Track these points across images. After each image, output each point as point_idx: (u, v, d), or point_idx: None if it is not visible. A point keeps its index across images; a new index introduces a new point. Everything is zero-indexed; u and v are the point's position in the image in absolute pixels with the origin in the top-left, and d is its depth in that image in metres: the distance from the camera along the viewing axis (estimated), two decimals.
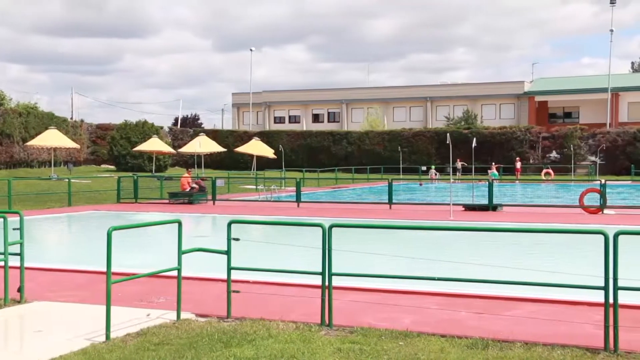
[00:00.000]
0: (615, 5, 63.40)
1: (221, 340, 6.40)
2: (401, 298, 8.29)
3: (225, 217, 18.95)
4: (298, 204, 24.33)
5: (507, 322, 7.11)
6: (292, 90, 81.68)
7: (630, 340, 6.24)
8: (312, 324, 7.01)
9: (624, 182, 41.46)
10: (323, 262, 7.00)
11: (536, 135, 56.16)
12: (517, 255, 12.67)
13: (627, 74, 79.96)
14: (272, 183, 31.72)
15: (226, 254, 7.40)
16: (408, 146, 58.14)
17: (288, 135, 62.68)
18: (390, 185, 23.91)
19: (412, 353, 5.98)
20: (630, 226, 16.28)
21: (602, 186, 21.58)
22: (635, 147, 52.12)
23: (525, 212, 21.98)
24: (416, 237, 14.79)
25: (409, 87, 76.89)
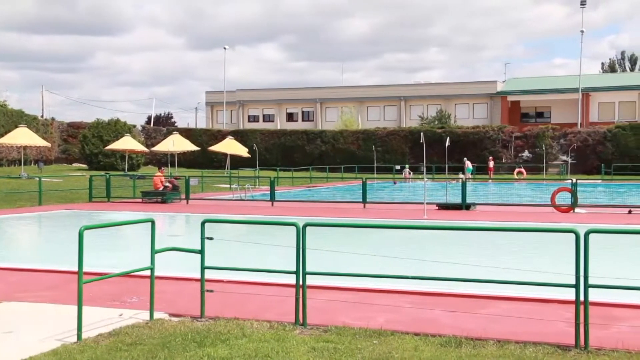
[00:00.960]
0: (586, 6, 64.24)
1: (195, 340, 6.36)
2: (375, 297, 8.31)
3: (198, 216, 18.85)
4: (272, 203, 24.28)
5: (480, 320, 7.15)
6: (266, 89, 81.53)
7: (601, 337, 6.32)
8: (287, 323, 6.99)
9: (594, 181, 42.00)
10: (297, 261, 6.99)
11: (509, 135, 56.67)
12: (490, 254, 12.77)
13: (597, 75, 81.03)
14: (246, 182, 31.62)
15: (200, 253, 7.36)
16: (382, 145, 58.33)
17: (262, 134, 62.55)
18: (365, 184, 23.96)
19: (386, 351, 5.99)
20: (600, 225, 16.49)
21: (573, 185, 21.83)
22: (605, 147, 52.85)
23: (498, 211, 22.15)
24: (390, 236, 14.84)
25: (383, 86, 77.17)
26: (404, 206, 23.60)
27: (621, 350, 6.00)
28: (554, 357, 5.86)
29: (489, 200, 27.61)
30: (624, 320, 7.16)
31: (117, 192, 28.28)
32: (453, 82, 75.00)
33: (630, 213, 20.43)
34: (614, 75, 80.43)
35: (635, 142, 51.91)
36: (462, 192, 22.44)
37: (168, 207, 24.12)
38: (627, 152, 51.86)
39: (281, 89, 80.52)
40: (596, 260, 6.39)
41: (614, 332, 6.61)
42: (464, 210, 21.78)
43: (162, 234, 16.46)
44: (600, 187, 37.06)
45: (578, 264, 6.17)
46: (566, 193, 21.80)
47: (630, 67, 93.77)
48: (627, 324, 7.01)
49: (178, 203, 25.58)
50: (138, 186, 29.03)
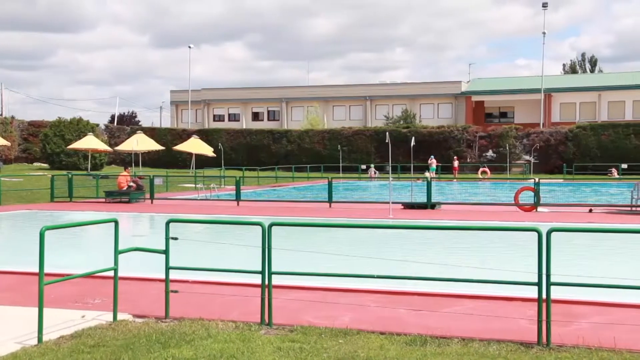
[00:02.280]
0: (547, 8, 65.21)
1: (159, 341, 6.30)
2: (341, 296, 8.32)
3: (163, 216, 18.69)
4: (238, 203, 24.18)
5: (445, 318, 7.21)
6: (231, 88, 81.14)
7: (562, 334, 6.41)
8: (252, 323, 6.97)
9: (556, 181, 42.65)
10: (263, 261, 6.97)
11: (473, 135, 57.24)
12: (455, 253, 12.88)
13: (559, 76, 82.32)
14: (211, 182, 31.43)
15: (164, 254, 7.29)
16: (348, 145, 58.49)
17: (227, 134, 62.25)
18: (330, 183, 23.99)
19: (352, 350, 6.01)
20: (562, 223, 16.75)
21: (536, 184, 22.14)
22: (567, 147, 53.69)
23: (463, 210, 22.36)
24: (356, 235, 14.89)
25: (348, 86, 77.38)
26: (370, 206, 23.69)
27: (582, 346, 6.10)
28: (517, 354, 5.93)
29: (454, 200, 27.86)
30: (585, 317, 7.28)
31: (80, 192, 27.90)
32: (418, 82, 75.53)
33: (591, 212, 20.79)
34: (574, 77, 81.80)
35: (596, 142, 52.86)
36: (427, 192, 22.60)
37: (132, 207, 23.86)
38: (588, 152, 52.77)
39: (247, 88, 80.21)
40: (558, 259, 6.48)
41: (574, 329, 6.71)
42: (429, 209, 21.93)
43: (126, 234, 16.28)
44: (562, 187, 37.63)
45: (540, 262, 6.25)
46: (529, 192, 22.09)
47: (591, 69, 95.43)
48: (588, 320, 7.13)
49: (142, 203, 25.32)
50: (101, 186, 28.66)
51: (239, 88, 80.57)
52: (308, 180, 44.69)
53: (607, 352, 5.90)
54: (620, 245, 13.91)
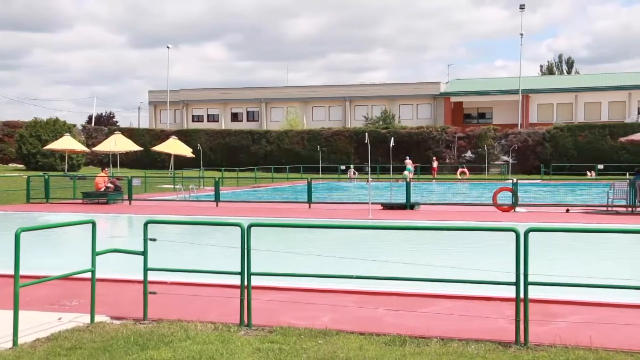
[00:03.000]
0: (525, 10, 65.77)
1: (137, 343, 6.25)
2: (320, 297, 8.32)
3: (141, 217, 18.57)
4: (217, 204, 24.09)
5: (424, 318, 7.23)
6: (210, 88, 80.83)
7: (539, 333, 6.46)
8: (231, 324, 6.94)
9: (534, 181, 42.98)
10: (242, 261, 6.95)
11: (452, 135, 57.54)
12: (434, 253, 12.93)
13: (536, 77, 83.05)
14: (190, 182, 31.29)
15: (142, 255, 7.24)
16: (327, 145, 58.52)
17: (206, 134, 62.01)
18: (310, 184, 23.99)
19: (331, 351, 6.01)
20: (539, 223, 16.88)
21: (514, 185, 22.30)
22: (544, 147, 54.16)
23: (442, 210, 22.47)
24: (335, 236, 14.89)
25: (328, 86, 77.42)
26: (349, 206, 23.72)
27: (559, 345, 6.15)
28: (495, 354, 5.97)
29: (433, 200, 27.98)
30: (562, 316, 7.34)
31: (57, 193, 27.63)
32: (397, 83, 75.80)
33: (568, 212, 20.98)
34: (552, 78, 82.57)
35: (573, 143, 53.36)
36: (406, 192, 22.68)
37: (110, 208, 23.68)
38: (565, 153, 53.27)
39: (226, 88, 79.95)
40: (536, 258, 6.53)
41: (552, 328, 6.77)
42: (408, 209, 22.01)
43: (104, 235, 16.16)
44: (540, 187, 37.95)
45: (518, 262, 6.29)
46: (507, 192, 22.24)
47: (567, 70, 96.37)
48: (565, 319, 7.20)
49: (120, 204, 25.15)
50: (79, 187, 28.39)
51: (218, 88, 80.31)
52: (287, 181, 44.65)
53: (583, 351, 5.96)
54: (597, 244, 14.06)
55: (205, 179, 37.21)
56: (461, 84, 74.17)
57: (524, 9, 65.21)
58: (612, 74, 73.64)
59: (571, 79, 79.12)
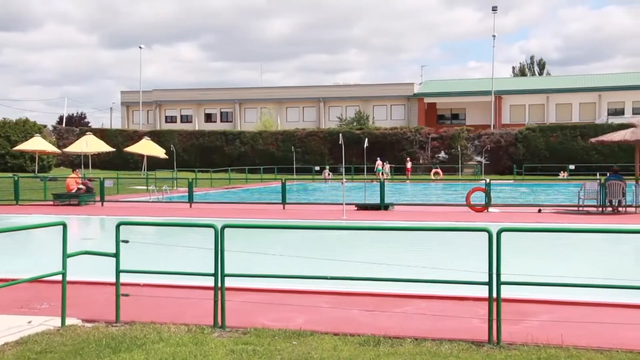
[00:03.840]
0: (497, 12, 66.37)
1: (109, 345, 6.18)
2: (294, 297, 8.30)
3: (114, 218, 18.40)
4: (190, 205, 23.96)
5: (398, 318, 7.25)
6: (183, 89, 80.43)
7: (512, 332, 6.51)
8: (205, 326, 6.90)
9: (506, 181, 43.37)
10: (215, 263, 6.91)
11: (425, 136, 57.85)
12: (408, 253, 12.97)
13: (509, 78, 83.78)
14: (163, 183, 31.08)
15: (115, 257, 7.17)
16: (301, 146, 58.51)
17: (180, 135, 61.69)
18: (284, 185, 23.96)
19: (306, 352, 5.99)
20: (512, 223, 17.02)
21: (487, 185, 22.47)
22: (517, 148, 54.67)
23: (416, 210, 22.56)
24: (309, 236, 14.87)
25: (302, 87, 77.41)
26: (323, 207, 23.72)
27: (531, 344, 6.20)
28: (469, 353, 6.00)
29: (407, 201, 28.09)
30: (534, 315, 7.41)
31: (27, 195, 27.27)
32: (371, 84, 76.06)
33: (540, 212, 21.19)
34: (524, 79, 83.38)
35: (544, 144, 53.94)
36: (380, 193, 22.75)
37: (82, 209, 23.43)
38: (537, 153, 53.83)
39: (199, 89, 79.58)
40: (508, 258, 6.58)
41: (524, 327, 6.83)
42: (382, 210, 22.07)
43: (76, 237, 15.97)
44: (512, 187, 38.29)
45: (491, 261, 6.34)
46: (480, 193, 22.41)
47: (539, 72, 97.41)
48: (536, 318, 7.26)
49: (92, 205, 24.89)
50: (49, 188, 28.05)
51: (191, 89, 79.92)
52: (261, 181, 44.56)
53: (554, 349, 6.01)
54: (568, 244, 14.22)
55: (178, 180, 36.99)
56: (435, 85, 74.61)
57: (496, 11, 65.86)
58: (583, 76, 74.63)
59: (543, 80, 80.00)
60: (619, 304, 7.82)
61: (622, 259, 13.34)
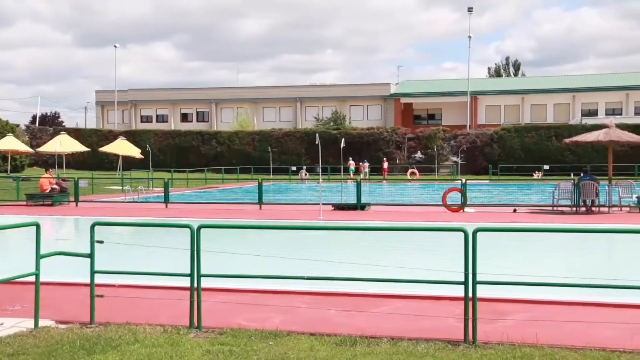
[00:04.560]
0: (472, 13, 66.83)
1: (83, 347, 6.12)
2: (271, 298, 8.28)
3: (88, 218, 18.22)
4: (166, 205, 23.81)
5: (374, 318, 7.27)
6: (159, 88, 79.92)
7: (487, 331, 6.55)
8: (181, 326, 6.86)
9: (482, 181, 43.68)
10: (192, 263, 6.87)
11: (402, 136, 58.07)
12: (384, 253, 13.01)
13: (484, 79, 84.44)
14: (139, 183, 30.86)
15: (89, 257, 7.10)
16: (278, 146, 58.43)
17: (156, 135, 61.31)
18: (260, 185, 23.91)
19: (282, 352, 5.98)
20: (487, 223, 17.14)
21: (463, 185, 22.61)
22: (492, 148, 55.09)
23: (392, 210, 22.64)
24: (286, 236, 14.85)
25: (278, 87, 77.33)
26: (300, 207, 23.71)
27: (506, 343, 6.25)
28: (445, 352, 6.03)
29: (383, 201, 28.18)
30: (509, 314, 7.47)
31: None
32: (348, 84, 76.20)
33: (515, 212, 21.37)
34: (499, 80, 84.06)
35: (520, 144, 54.41)
36: (357, 193, 22.78)
37: (56, 210, 23.18)
38: (512, 153, 54.29)
39: (175, 89, 79.17)
40: (484, 258, 6.62)
41: (499, 326, 6.88)
42: (359, 210, 22.11)
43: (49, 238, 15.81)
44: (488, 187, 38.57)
45: (467, 261, 6.37)
46: (456, 193, 22.54)
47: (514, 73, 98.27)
48: (512, 317, 7.32)
49: (66, 206, 24.63)
50: (22, 188, 27.71)
51: (167, 89, 79.46)
52: (238, 182, 44.42)
53: (529, 348, 6.07)
54: (543, 243, 14.35)
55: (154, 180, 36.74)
56: (411, 85, 74.92)
57: (472, 12, 66.30)
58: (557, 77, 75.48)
59: (518, 81, 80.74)
60: (593, 303, 7.92)
61: (595, 259, 13.49)
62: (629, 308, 7.74)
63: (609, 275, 10.63)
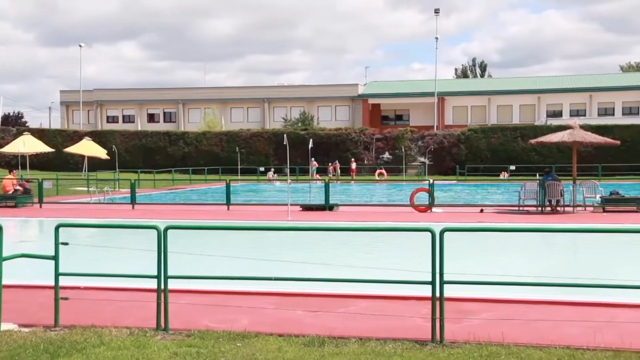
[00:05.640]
0: (439, 14, 67.42)
1: (47, 350, 6.03)
2: (239, 299, 8.25)
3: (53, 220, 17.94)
4: (133, 206, 23.58)
5: (342, 318, 7.28)
6: (126, 89, 79.12)
7: (454, 330, 6.60)
8: (148, 328, 6.80)
9: (450, 182, 44.01)
10: (158, 264, 6.81)
11: (370, 137, 58.28)
12: (352, 253, 13.04)
13: (451, 80, 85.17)
14: (105, 184, 30.51)
15: (54, 259, 6.99)
16: (246, 147, 58.23)
17: (122, 136, 60.68)
18: (228, 186, 23.80)
19: (250, 354, 5.96)
20: (455, 223, 17.28)
21: (430, 186, 22.76)
22: (460, 149, 55.55)
23: (360, 211, 22.70)
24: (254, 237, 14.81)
25: (246, 87, 77.10)
26: (268, 208, 23.66)
27: (473, 342, 6.30)
28: (412, 352, 6.06)
29: (352, 201, 28.25)
30: (476, 313, 7.53)
31: None
32: (316, 85, 76.22)
33: (482, 212, 21.57)
34: (466, 81, 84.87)
35: (486, 144, 54.96)
36: (325, 193, 22.81)
37: (19, 211, 22.82)
38: (479, 154, 54.81)
39: (142, 89, 78.43)
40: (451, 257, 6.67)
41: (466, 325, 6.93)
42: (327, 211, 22.13)
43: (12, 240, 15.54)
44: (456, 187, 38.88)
45: (434, 261, 6.41)
46: (424, 193, 22.68)
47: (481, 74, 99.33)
48: (478, 317, 7.39)
49: (30, 207, 24.25)
50: None
51: (133, 89, 78.69)
52: (206, 182, 44.17)
53: (495, 347, 6.13)
54: (509, 243, 14.51)
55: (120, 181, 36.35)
56: (379, 86, 75.23)
57: (438, 13, 66.86)
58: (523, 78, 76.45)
59: (484, 82, 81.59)
60: (558, 302, 8.02)
61: (560, 258, 13.69)
62: (593, 306, 7.86)
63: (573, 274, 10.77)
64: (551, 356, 5.89)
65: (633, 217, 19.23)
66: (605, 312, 7.58)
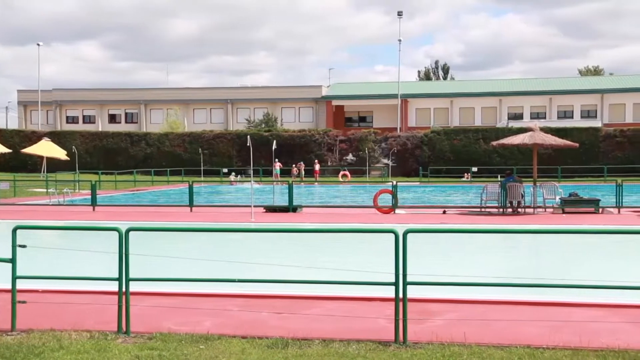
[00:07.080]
0: (402, 17, 67.79)
1: (4, 356, 5.90)
2: (202, 301, 8.18)
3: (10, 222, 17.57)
4: (94, 208, 23.26)
5: (306, 320, 7.27)
6: (86, 89, 77.98)
7: (417, 331, 6.64)
8: (108, 332, 6.70)
9: (413, 183, 44.32)
10: (120, 267, 6.73)
11: (333, 139, 58.40)
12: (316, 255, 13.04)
13: (414, 82, 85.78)
14: (64, 186, 30.04)
15: (11, 262, 6.85)
16: (209, 148, 57.89)
17: (82, 136, 59.85)
18: (191, 187, 23.62)
19: (213, 356, 5.92)
20: (418, 224, 17.40)
21: (393, 187, 22.88)
22: (423, 151, 56.00)
23: (324, 212, 22.72)
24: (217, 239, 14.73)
25: (209, 88, 76.61)
26: (232, 209, 23.54)
27: (435, 342, 6.35)
28: (376, 353, 6.08)
29: (315, 203, 28.27)
30: (439, 314, 7.59)
31: None
32: (279, 86, 76.05)
33: (445, 213, 21.76)
34: (429, 83, 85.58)
35: (449, 146, 55.49)
36: (289, 195, 22.78)
37: None
38: (442, 156, 55.31)
39: (103, 89, 77.41)
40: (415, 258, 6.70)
41: (429, 326, 6.98)
42: (291, 212, 22.10)
43: None
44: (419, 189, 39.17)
45: (397, 262, 6.44)
46: (387, 195, 22.79)
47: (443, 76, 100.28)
48: (441, 317, 7.44)
49: None
50: None
51: (94, 89, 77.61)
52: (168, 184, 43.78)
53: (458, 347, 6.18)
54: (472, 244, 14.66)
55: (81, 182, 35.82)
56: (342, 87, 75.42)
57: (401, 16, 67.23)
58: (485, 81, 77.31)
59: (447, 84, 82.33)
60: (518, 302, 8.12)
61: (521, 258, 13.87)
62: (552, 306, 7.98)
63: (533, 274, 10.94)
64: (512, 355, 5.96)
65: (591, 218, 19.60)
66: (563, 311, 7.70)
